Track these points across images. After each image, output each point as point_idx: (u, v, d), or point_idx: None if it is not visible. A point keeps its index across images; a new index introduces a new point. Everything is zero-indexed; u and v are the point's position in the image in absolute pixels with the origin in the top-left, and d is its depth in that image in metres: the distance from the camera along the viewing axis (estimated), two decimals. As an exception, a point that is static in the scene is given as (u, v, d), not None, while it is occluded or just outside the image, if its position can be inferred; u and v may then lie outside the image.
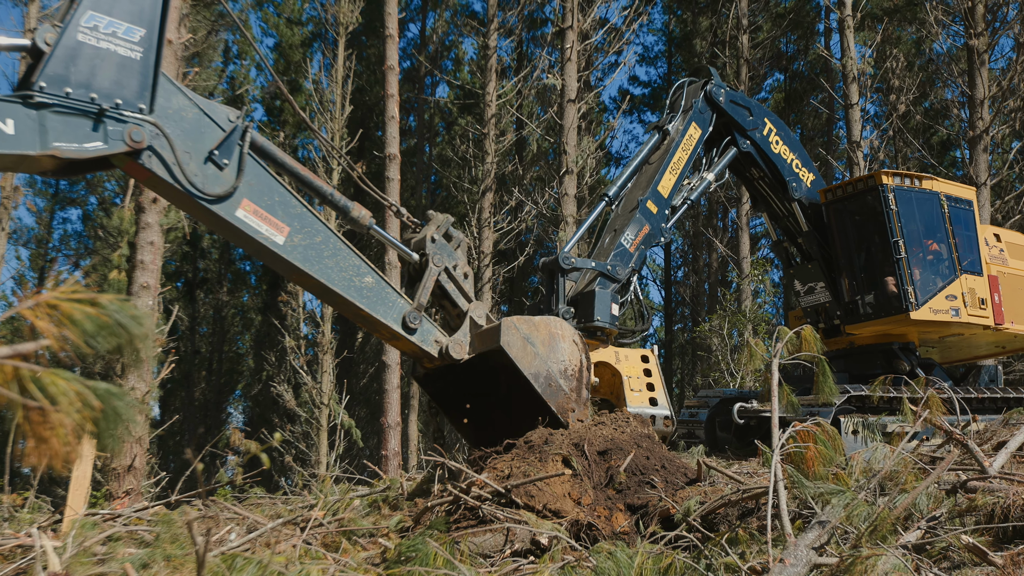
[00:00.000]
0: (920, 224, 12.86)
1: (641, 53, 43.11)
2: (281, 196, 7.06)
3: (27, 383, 2.40)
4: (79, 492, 7.85)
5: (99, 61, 6.08)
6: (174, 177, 6.51)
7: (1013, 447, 6.90)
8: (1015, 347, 14.72)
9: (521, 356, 7.87)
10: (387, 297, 7.58)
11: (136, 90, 6.26)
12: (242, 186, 6.81)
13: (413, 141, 35.23)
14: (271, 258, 7.07)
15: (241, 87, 36.30)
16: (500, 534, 6.23)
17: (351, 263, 7.39)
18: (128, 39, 6.21)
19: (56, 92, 5.86)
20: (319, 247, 7.20)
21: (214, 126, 6.79)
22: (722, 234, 35.03)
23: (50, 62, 5.85)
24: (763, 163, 13.23)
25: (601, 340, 10.28)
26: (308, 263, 7.12)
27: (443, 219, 8.39)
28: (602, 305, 10.30)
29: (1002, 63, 27.51)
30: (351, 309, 7.47)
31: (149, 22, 6.31)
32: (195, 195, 6.58)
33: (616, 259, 10.85)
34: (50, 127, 5.80)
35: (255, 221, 6.87)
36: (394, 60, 20.66)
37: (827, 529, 5.25)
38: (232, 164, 6.79)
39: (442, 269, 8.08)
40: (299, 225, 7.10)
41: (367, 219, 7.83)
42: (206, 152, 6.69)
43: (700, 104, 12.46)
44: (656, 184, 11.62)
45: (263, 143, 7.19)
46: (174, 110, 6.61)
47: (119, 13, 6.17)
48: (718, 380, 25.40)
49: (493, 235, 25.26)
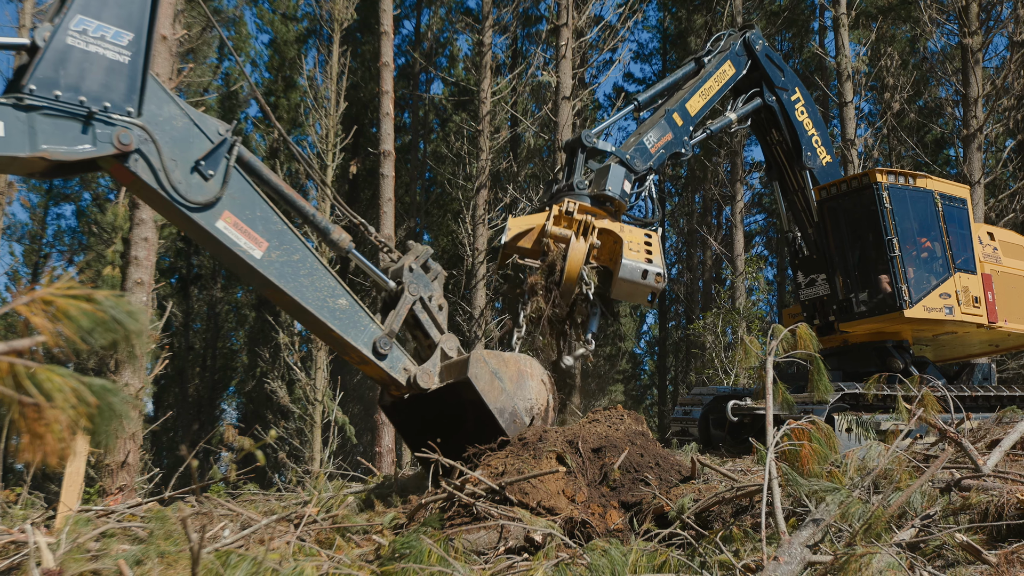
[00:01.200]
0: (914, 222, 12.86)
1: (636, 50, 43.17)
2: (263, 211, 7.10)
3: (22, 379, 2.39)
4: (73, 488, 7.84)
5: (88, 64, 6.15)
6: (159, 182, 6.56)
7: (1007, 445, 6.91)
8: (1008, 345, 14.74)
9: (488, 390, 7.89)
10: (360, 321, 7.60)
11: (124, 93, 6.33)
12: (225, 197, 6.87)
13: (408, 138, 35.18)
14: (247, 272, 7.10)
15: (236, 83, 36.23)
16: (494, 531, 6.23)
17: (327, 284, 7.41)
18: (116, 43, 6.28)
19: (46, 95, 5.92)
20: (296, 265, 7.22)
21: (203, 137, 6.85)
22: (716, 231, 35.05)
23: (40, 65, 5.92)
24: (784, 126, 13.49)
25: (609, 211, 10.46)
26: (283, 279, 7.14)
27: (423, 250, 8.45)
28: (615, 178, 10.53)
29: (996, 61, 27.65)
30: (323, 329, 7.47)
31: (137, 26, 6.38)
32: (178, 202, 6.64)
33: (636, 152, 11.10)
34: (40, 129, 5.84)
35: (234, 233, 6.91)
36: (389, 56, 20.63)
37: (821, 527, 5.25)
38: (217, 176, 6.85)
39: (417, 298, 8.10)
40: (278, 242, 7.14)
41: (346, 242, 7.86)
42: (192, 161, 6.75)
43: (738, 47, 13.01)
44: (685, 101, 12.01)
45: (250, 159, 7.24)
46: (164, 118, 6.66)
47: (108, 17, 6.25)
48: (712, 378, 25.43)
49: (487, 232, 25.23)
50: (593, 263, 9.92)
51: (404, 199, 32.23)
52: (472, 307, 24.84)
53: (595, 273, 9.90)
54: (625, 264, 9.71)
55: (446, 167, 31.01)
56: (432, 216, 36.60)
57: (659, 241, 10.26)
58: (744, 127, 13.60)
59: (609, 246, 10.00)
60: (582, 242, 9.77)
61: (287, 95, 35.81)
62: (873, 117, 32.23)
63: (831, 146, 13.98)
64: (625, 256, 9.77)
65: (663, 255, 10.25)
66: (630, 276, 9.73)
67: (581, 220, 9.89)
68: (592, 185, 10.57)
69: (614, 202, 10.48)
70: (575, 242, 9.76)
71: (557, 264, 9.72)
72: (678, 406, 14.87)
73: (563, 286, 9.70)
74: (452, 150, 29.77)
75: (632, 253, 9.85)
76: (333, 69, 24.64)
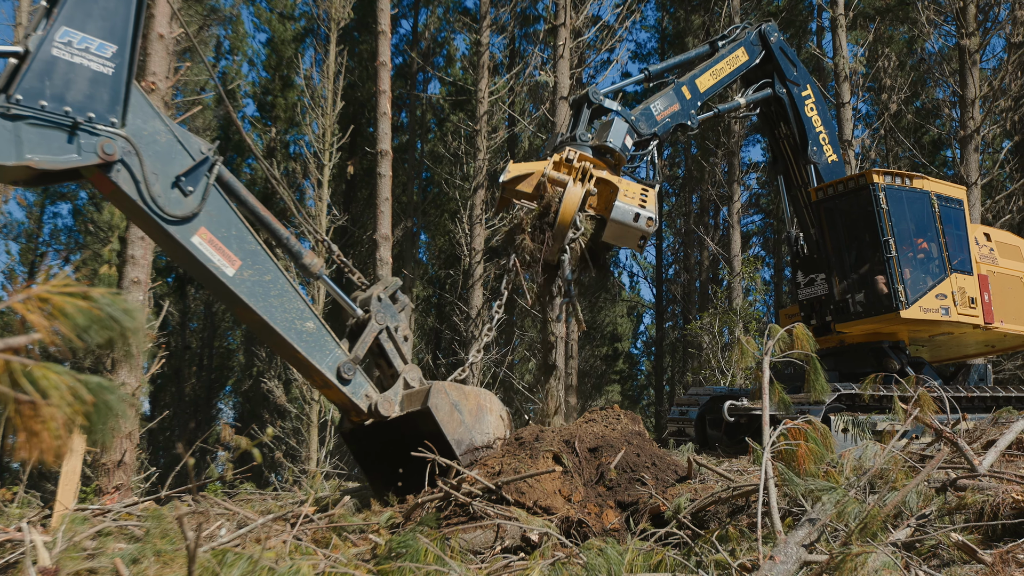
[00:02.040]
0: (911, 223, 12.89)
1: (634, 50, 43.16)
2: (239, 231, 7.18)
3: (18, 377, 2.39)
4: (69, 487, 7.84)
5: (73, 75, 6.24)
6: (139, 193, 6.65)
7: (1003, 445, 6.92)
8: (1004, 346, 14.77)
9: (447, 421, 7.92)
10: (325, 345, 7.66)
11: (108, 104, 6.41)
12: (202, 214, 6.95)
13: (405, 137, 35.16)
14: (218, 288, 7.17)
15: (232, 82, 36.20)
16: (491, 531, 6.23)
17: (296, 306, 7.45)
18: (100, 55, 6.36)
19: (32, 104, 6.00)
20: (267, 285, 7.28)
21: (185, 154, 6.95)
22: (713, 232, 35.04)
23: (27, 75, 6.00)
24: (793, 120, 13.55)
25: (609, 163, 10.54)
26: (253, 298, 7.19)
27: (392, 281, 8.53)
28: (617, 132, 10.68)
29: (993, 63, 27.62)
30: (288, 351, 7.52)
31: (121, 39, 6.47)
32: (155, 214, 6.71)
33: (642, 116, 11.24)
34: (25, 139, 5.95)
35: (209, 250, 6.98)
36: (386, 56, 20.61)
37: (817, 526, 5.26)
38: (197, 192, 6.94)
39: (383, 327, 8.15)
40: (251, 261, 7.21)
41: (317, 267, 7.94)
42: (173, 176, 6.83)
43: (753, 37, 13.14)
44: (695, 77, 12.15)
45: (229, 179, 7.33)
46: (149, 132, 6.76)
47: (92, 29, 6.33)
48: (708, 378, 25.44)
49: (484, 232, 25.24)
50: (589, 211, 10.00)
51: (401, 199, 32.23)
52: (469, 307, 24.85)
53: (589, 221, 9.98)
54: (618, 206, 9.86)
55: (443, 167, 31.02)
56: (429, 216, 36.60)
57: (655, 195, 10.33)
58: (752, 114, 13.72)
59: (606, 196, 10.09)
60: (579, 187, 9.89)
61: (284, 94, 35.79)
62: (870, 118, 32.26)
63: (838, 146, 14.03)
64: (619, 200, 9.92)
65: (657, 206, 10.35)
66: (622, 218, 9.87)
67: (580, 167, 9.99)
68: (594, 137, 10.69)
69: (614, 154, 10.58)
70: (572, 187, 9.87)
71: (552, 206, 9.80)
72: (675, 406, 14.88)
73: (556, 228, 9.80)
74: (449, 150, 29.79)
75: (626, 198, 9.99)
76: (330, 68, 24.63)
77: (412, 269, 31.72)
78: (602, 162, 10.44)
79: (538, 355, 28.72)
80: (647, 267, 43.05)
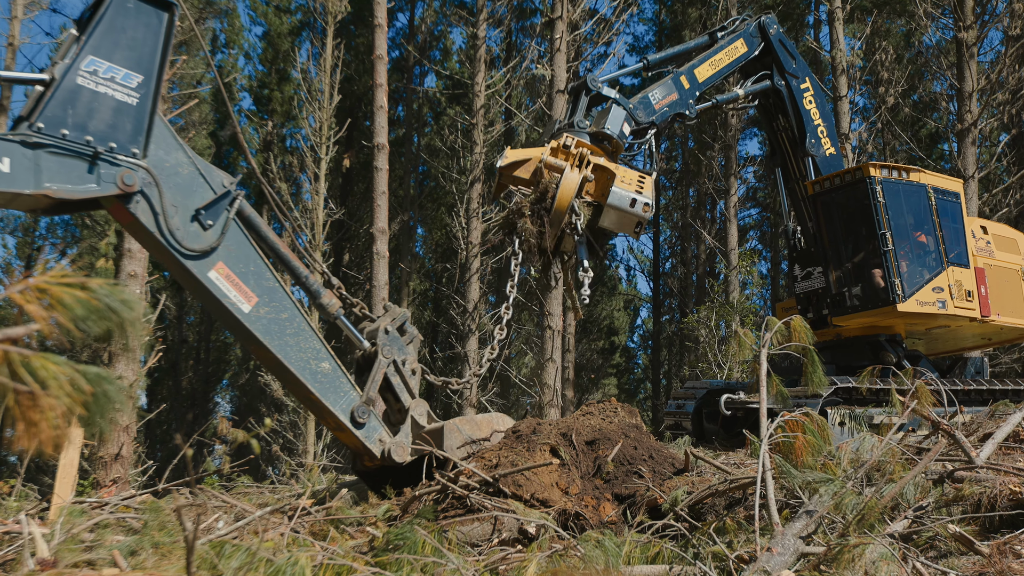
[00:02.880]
0: (908, 216, 12.88)
1: (631, 43, 43.08)
2: (257, 267, 7.13)
3: (17, 367, 2.39)
4: (67, 479, 7.84)
5: (96, 104, 6.26)
6: (157, 226, 6.63)
7: (1000, 437, 6.94)
8: (1001, 339, 14.78)
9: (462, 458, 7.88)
10: (340, 386, 7.56)
11: (130, 134, 6.43)
12: (220, 248, 6.92)
13: (402, 131, 35.13)
14: (233, 324, 7.10)
15: (229, 76, 36.14)
16: (488, 523, 6.24)
17: (312, 346, 7.38)
18: (126, 84, 6.39)
19: (53, 133, 6.02)
20: (283, 323, 7.22)
21: (207, 187, 6.93)
22: (710, 225, 35.06)
23: (49, 103, 6.04)
24: (792, 113, 13.53)
25: (606, 150, 10.54)
26: (269, 336, 7.12)
27: (400, 312, 8.44)
28: (615, 119, 10.68)
29: (991, 56, 27.63)
30: (302, 391, 7.44)
31: (147, 69, 6.51)
32: (173, 248, 6.69)
33: (640, 104, 11.23)
34: (45, 167, 5.96)
35: (225, 285, 6.93)
36: (383, 50, 20.59)
37: (815, 518, 5.27)
38: (216, 226, 6.90)
39: (391, 362, 8.06)
40: (268, 298, 7.15)
41: (335, 307, 7.87)
42: (193, 209, 6.81)
43: (752, 29, 13.14)
44: (694, 67, 12.15)
45: (250, 213, 7.28)
46: (171, 164, 6.75)
47: (119, 59, 6.37)
48: (705, 371, 25.46)
49: (481, 225, 25.23)
50: (586, 198, 10.01)
51: (398, 192, 32.20)
52: (466, 300, 24.86)
53: (586, 207, 9.98)
54: (615, 191, 9.84)
55: (440, 161, 30.97)
56: (426, 209, 36.59)
57: (652, 182, 10.34)
58: (751, 105, 13.67)
59: (603, 182, 10.08)
60: (576, 174, 9.87)
61: (281, 88, 35.73)
62: (867, 111, 32.28)
63: (836, 139, 14.02)
64: (616, 186, 9.90)
65: (654, 193, 10.34)
66: (619, 203, 9.84)
67: (577, 153, 9.99)
68: (592, 124, 10.69)
69: (612, 141, 10.56)
70: (569, 173, 9.86)
71: (549, 191, 9.80)
72: (672, 400, 14.89)
73: (553, 213, 9.79)
74: (446, 143, 29.76)
75: (623, 184, 9.98)
76: (327, 62, 24.58)
77: (409, 263, 31.72)
78: (600, 149, 10.44)
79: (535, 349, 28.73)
80: (644, 261, 43.06)
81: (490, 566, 5.31)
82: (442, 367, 31.40)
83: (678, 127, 15.56)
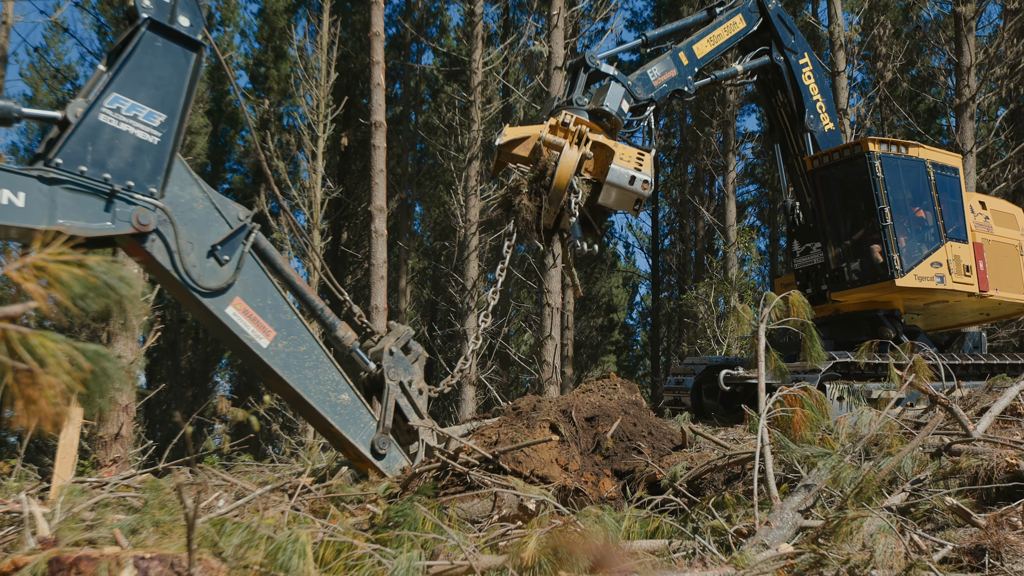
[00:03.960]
0: (906, 191, 12.88)
1: (629, 19, 42.94)
2: (274, 300, 7.06)
3: (15, 345, 2.39)
4: (66, 459, 7.85)
5: (117, 142, 6.21)
6: (173, 264, 6.56)
7: (997, 411, 6.96)
8: (999, 314, 14.80)
9: None
10: (360, 418, 7.49)
11: (149, 173, 6.37)
12: (237, 284, 6.84)
13: (399, 109, 35.00)
14: (252, 359, 7.04)
15: (225, 53, 35.98)
16: (488, 500, 6.26)
17: (331, 378, 7.32)
18: (148, 123, 6.34)
19: (71, 169, 5.96)
20: (302, 356, 7.16)
21: (222, 221, 6.85)
22: (709, 202, 35.01)
23: (70, 140, 5.97)
24: (790, 88, 13.49)
25: (605, 127, 10.52)
26: (288, 370, 7.06)
27: (404, 331, 8.37)
28: (614, 96, 10.63)
29: (989, 30, 27.52)
30: (322, 423, 7.37)
31: (171, 108, 6.46)
32: (190, 286, 6.61)
33: (638, 80, 11.18)
34: (60, 203, 5.91)
35: (243, 320, 6.87)
36: (379, 27, 20.51)
37: (813, 492, 5.30)
38: (232, 261, 6.83)
39: (397, 384, 8.03)
40: (286, 332, 7.08)
41: (351, 340, 7.83)
42: (209, 245, 6.73)
43: (751, 4, 13.03)
44: (692, 43, 12.10)
45: (266, 247, 7.23)
46: (186, 200, 6.68)
47: (143, 97, 6.32)
48: (704, 347, 25.50)
49: (480, 203, 25.19)
50: (585, 175, 10.00)
51: (396, 170, 32.11)
52: (464, 278, 24.84)
53: (585, 185, 9.98)
54: (614, 169, 9.85)
55: (438, 138, 30.90)
56: (424, 187, 36.51)
57: (651, 160, 10.34)
58: (750, 81, 13.62)
59: (602, 160, 10.06)
60: (575, 151, 9.85)
61: (277, 66, 35.60)
62: (866, 86, 32.19)
63: (835, 114, 13.99)
64: (615, 163, 9.91)
65: (653, 171, 10.33)
66: (618, 181, 9.86)
67: (576, 130, 9.98)
68: (591, 101, 10.66)
69: (610, 118, 10.53)
70: (568, 150, 9.84)
71: (548, 169, 9.79)
72: (670, 376, 14.92)
73: (552, 191, 9.78)
74: (444, 121, 29.67)
75: (622, 162, 9.99)
76: (323, 39, 24.49)
77: (407, 241, 31.69)
78: (598, 126, 10.40)
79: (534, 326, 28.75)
80: (643, 238, 43.00)
81: (490, 542, 5.33)
82: (441, 344, 31.43)
83: (677, 103, 15.53)
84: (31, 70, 36.80)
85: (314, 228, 24.46)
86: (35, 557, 3.70)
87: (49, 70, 37.02)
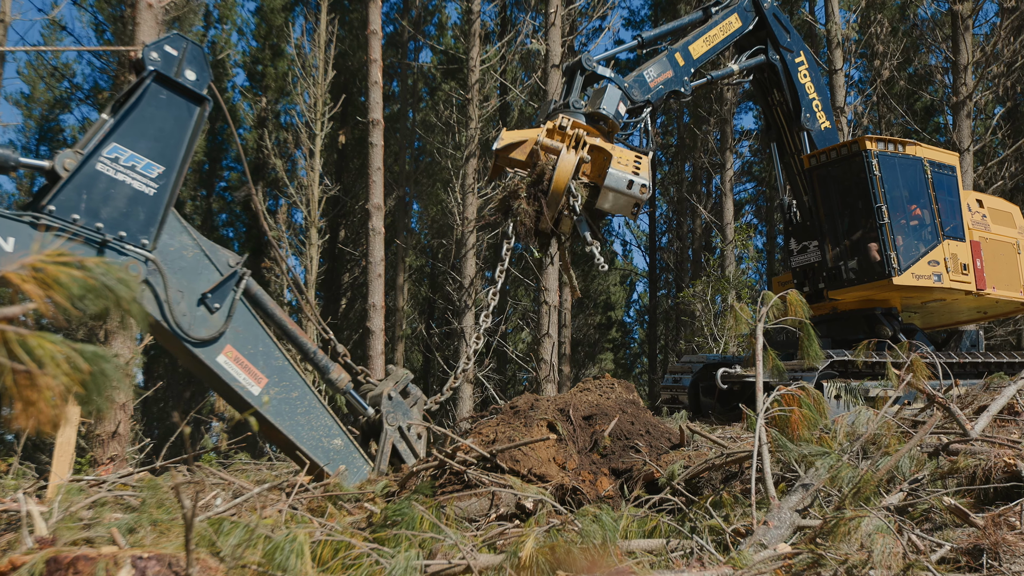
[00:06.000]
0: (903, 190, 12.89)
1: (627, 17, 43.07)
2: (265, 346, 7.04)
3: (14, 346, 2.39)
4: (64, 458, 7.83)
5: (112, 192, 6.19)
6: (163, 315, 6.52)
7: (994, 410, 6.96)
8: (996, 312, 14.82)
9: None
10: (353, 462, 7.48)
11: (143, 224, 6.34)
12: (228, 331, 6.81)
13: (396, 107, 34.95)
14: (243, 406, 6.98)
15: (222, 51, 35.94)
16: (485, 498, 6.26)
17: (323, 423, 7.31)
18: (146, 175, 6.33)
19: (63, 217, 5.95)
20: (293, 402, 7.14)
21: (212, 268, 6.83)
22: (706, 200, 35.02)
23: (64, 188, 5.95)
24: (786, 87, 13.49)
25: (602, 130, 10.52)
26: (280, 417, 7.05)
27: (402, 375, 8.36)
28: (611, 99, 10.62)
29: (986, 28, 27.53)
30: (314, 469, 7.34)
31: (170, 161, 6.45)
32: (181, 337, 6.59)
33: (635, 82, 11.19)
34: None
35: (235, 368, 6.84)
36: (377, 24, 20.49)
37: (811, 492, 5.29)
38: (223, 309, 6.81)
39: (396, 428, 8.02)
40: (278, 378, 7.06)
41: (344, 383, 7.84)
42: (199, 293, 6.71)
43: (746, 3, 13.04)
44: (688, 44, 12.09)
45: (256, 292, 7.21)
46: (176, 248, 6.65)
47: (143, 148, 6.32)
48: (701, 346, 25.50)
49: (477, 201, 25.17)
50: (583, 179, 10.01)
51: (393, 168, 32.07)
52: (462, 276, 24.83)
53: (584, 188, 9.98)
54: (612, 173, 9.88)
55: (435, 136, 30.86)
56: (421, 185, 36.47)
57: (649, 163, 10.34)
58: (746, 80, 13.63)
59: (599, 163, 10.08)
60: (573, 155, 9.87)
61: (275, 64, 35.56)
62: (863, 84, 32.20)
63: (831, 113, 13.99)
64: (613, 167, 9.93)
65: (651, 173, 10.36)
66: (616, 185, 9.88)
67: (574, 134, 9.98)
68: (587, 104, 10.66)
69: (608, 121, 10.53)
70: (565, 154, 9.86)
71: (546, 173, 9.78)
72: (668, 374, 14.93)
73: (550, 195, 9.78)
74: (441, 119, 29.64)
75: (620, 165, 10.01)
76: (321, 37, 24.48)
77: (405, 239, 31.65)
78: (595, 129, 10.40)
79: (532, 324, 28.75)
80: (640, 236, 42.98)
81: (488, 541, 5.33)
82: (438, 343, 31.41)
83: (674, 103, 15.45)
84: (28, 68, 36.78)
85: (312, 226, 24.45)
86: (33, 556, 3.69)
87: (47, 68, 36.98)
